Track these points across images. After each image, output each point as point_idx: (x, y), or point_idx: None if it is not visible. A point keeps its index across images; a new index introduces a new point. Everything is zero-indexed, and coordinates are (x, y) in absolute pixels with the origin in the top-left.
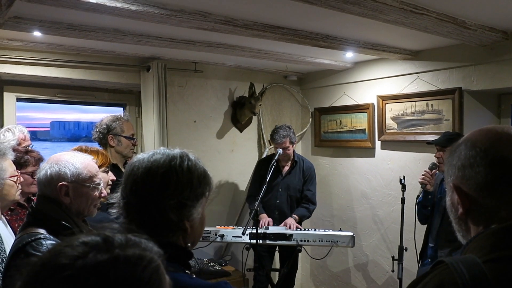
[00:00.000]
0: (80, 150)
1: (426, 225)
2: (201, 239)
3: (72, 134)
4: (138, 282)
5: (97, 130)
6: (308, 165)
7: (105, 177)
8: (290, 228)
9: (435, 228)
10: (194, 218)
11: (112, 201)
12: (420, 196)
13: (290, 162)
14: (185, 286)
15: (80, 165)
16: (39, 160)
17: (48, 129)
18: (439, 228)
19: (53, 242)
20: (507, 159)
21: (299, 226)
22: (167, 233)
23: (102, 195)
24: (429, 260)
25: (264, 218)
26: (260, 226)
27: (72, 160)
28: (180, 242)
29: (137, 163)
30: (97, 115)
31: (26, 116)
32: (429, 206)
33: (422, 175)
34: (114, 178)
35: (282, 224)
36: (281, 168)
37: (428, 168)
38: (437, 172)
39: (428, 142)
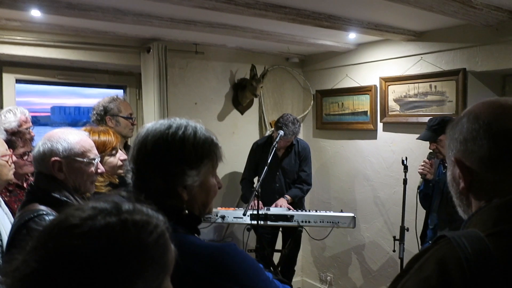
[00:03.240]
0: (91, 131)
1: None
2: (202, 220)
3: (73, 118)
4: (145, 245)
5: (94, 112)
6: (303, 145)
7: (113, 160)
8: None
9: (434, 209)
10: (189, 185)
11: (128, 168)
12: (421, 186)
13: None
14: (193, 246)
15: (72, 140)
16: (29, 140)
17: (49, 114)
18: (438, 209)
19: None
20: (511, 132)
21: (290, 206)
22: (166, 200)
23: (99, 171)
24: (429, 242)
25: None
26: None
27: (65, 135)
28: (181, 208)
29: (140, 132)
30: (98, 99)
31: (26, 101)
32: (429, 195)
33: (421, 165)
34: (125, 157)
35: (273, 205)
36: (277, 152)
37: (427, 158)
38: (436, 159)
39: (418, 139)
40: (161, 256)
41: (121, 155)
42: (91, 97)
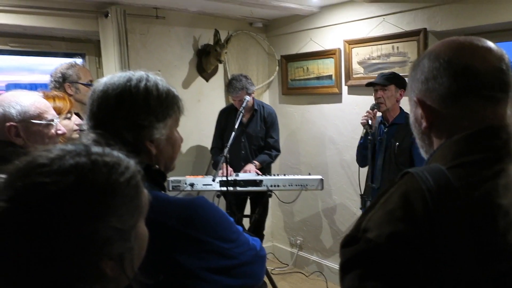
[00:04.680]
0: (44, 95)
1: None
2: (171, 189)
3: None
4: (116, 184)
5: (52, 79)
6: (268, 110)
7: (68, 123)
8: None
9: (378, 169)
10: (157, 139)
11: (83, 128)
12: (361, 139)
13: (249, 111)
14: (164, 201)
15: (26, 103)
16: None
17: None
18: (382, 168)
19: None
20: (470, 68)
21: (258, 172)
22: (134, 155)
23: (59, 132)
24: (366, 199)
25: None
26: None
27: (16, 98)
28: (149, 163)
29: (96, 87)
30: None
31: None
32: (367, 147)
33: (364, 116)
34: (81, 121)
35: (242, 170)
36: (242, 118)
37: (370, 109)
38: (378, 112)
39: (367, 84)
40: (134, 197)
41: (76, 119)
42: (46, 73)
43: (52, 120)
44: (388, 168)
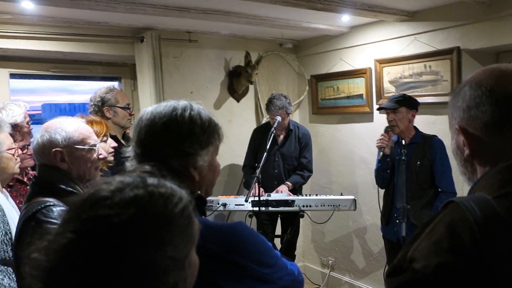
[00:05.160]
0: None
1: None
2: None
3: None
4: (171, 215)
5: (91, 103)
6: (303, 131)
7: (104, 146)
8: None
9: (400, 189)
10: (200, 165)
11: (127, 155)
12: (378, 162)
13: (285, 131)
14: (206, 226)
15: (70, 129)
16: (27, 133)
17: (40, 112)
18: (405, 188)
19: (63, 208)
20: None
21: (290, 193)
22: (179, 181)
23: (101, 156)
24: (398, 221)
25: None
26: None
27: (62, 125)
28: (192, 190)
29: (143, 115)
30: (89, 96)
31: (16, 99)
32: (388, 169)
33: (379, 139)
34: (116, 144)
35: (274, 191)
36: (277, 137)
37: (384, 132)
38: (393, 134)
39: (378, 109)
40: (187, 227)
41: (111, 142)
42: (83, 93)
43: (95, 145)
44: (410, 188)
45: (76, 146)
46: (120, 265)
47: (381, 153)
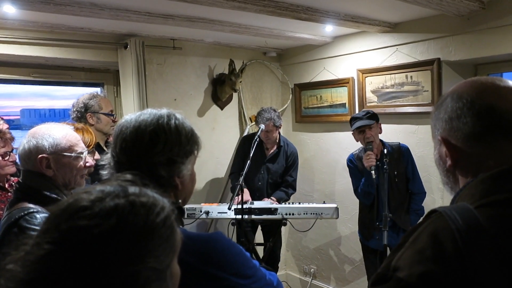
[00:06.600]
0: (74, 128)
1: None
2: (186, 217)
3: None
4: (153, 225)
5: (74, 109)
6: (292, 150)
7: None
8: None
9: (383, 200)
10: (184, 174)
11: (102, 162)
12: (361, 184)
13: (275, 146)
14: (184, 237)
15: (58, 135)
16: (10, 140)
17: (18, 117)
18: (389, 197)
19: (46, 215)
20: (494, 108)
21: (274, 201)
22: (158, 190)
23: (88, 164)
24: (382, 229)
25: (247, 194)
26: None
27: (50, 131)
28: (172, 199)
29: (125, 123)
30: (70, 101)
31: None
32: (375, 186)
33: (367, 158)
34: (98, 157)
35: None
36: (266, 150)
37: (368, 150)
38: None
39: (357, 128)
40: (169, 237)
41: (95, 154)
42: (64, 99)
43: (82, 153)
44: (393, 196)
45: (63, 153)
46: (100, 278)
47: (372, 171)
